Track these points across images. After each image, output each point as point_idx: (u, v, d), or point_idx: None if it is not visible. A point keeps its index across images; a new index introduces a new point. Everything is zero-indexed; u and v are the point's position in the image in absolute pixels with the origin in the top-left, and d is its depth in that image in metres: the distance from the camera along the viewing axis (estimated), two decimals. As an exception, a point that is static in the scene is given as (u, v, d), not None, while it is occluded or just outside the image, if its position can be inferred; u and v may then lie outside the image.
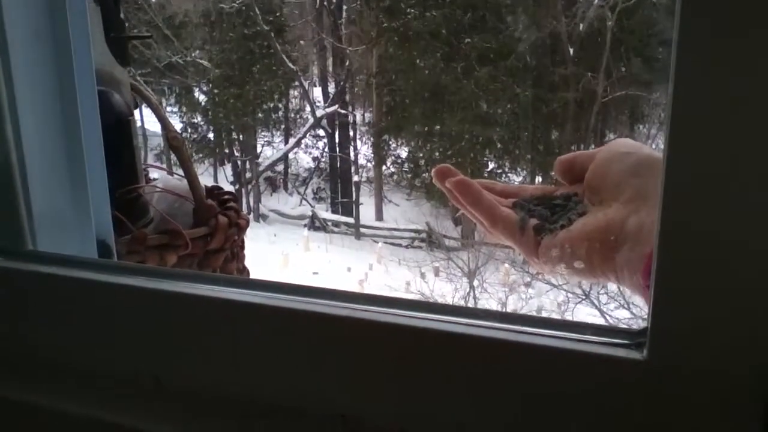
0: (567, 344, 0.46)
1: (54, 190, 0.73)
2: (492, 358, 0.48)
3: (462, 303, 9.10)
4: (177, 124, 16.90)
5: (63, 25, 0.71)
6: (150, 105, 1.09)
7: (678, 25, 0.38)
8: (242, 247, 1.11)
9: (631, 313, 7.46)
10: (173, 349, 0.61)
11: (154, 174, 1.24)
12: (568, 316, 8.09)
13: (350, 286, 10.82)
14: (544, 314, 8.51)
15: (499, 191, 0.65)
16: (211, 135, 17.13)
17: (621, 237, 0.51)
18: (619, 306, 7.47)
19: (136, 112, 1.15)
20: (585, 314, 7.94)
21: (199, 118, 17.01)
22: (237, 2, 15.41)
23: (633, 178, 0.54)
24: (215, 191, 1.17)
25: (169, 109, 17.31)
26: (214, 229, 1.02)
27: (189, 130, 17.01)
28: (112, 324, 0.64)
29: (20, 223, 0.69)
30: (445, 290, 9.36)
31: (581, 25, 13.39)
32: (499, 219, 0.59)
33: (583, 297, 7.79)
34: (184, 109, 17.14)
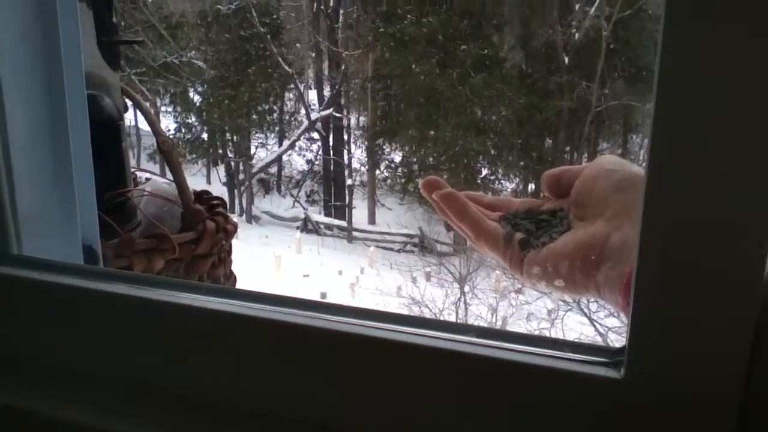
0: (544, 361, 0.46)
1: (41, 194, 0.73)
2: (470, 373, 0.48)
3: (453, 308, 9.10)
4: (171, 124, 16.88)
5: (53, 26, 0.71)
6: (140, 109, 1.09)
7: (661, 38, 0.38)
8: (229, 252, 1.11)
9: (621, 321, 7.48)
10: (158, 354, 0.61)
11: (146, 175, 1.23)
12: (558, 324, 8.10)
13: (341, 289, 10.81)
14: (533, 321, 8.53)
15: (486, 204, 0.65)
16: (205, 135, 17.10)
17: (604, 254, 0.51)
18: (609, 314, 7.49)
19: (130, 113, 1.15)
20: (575, 322, 7.95)
21: (194, 119, 16.98)
22: (234, 4, 15.40)
23: (618, 194, 0.55)
24: (204, 196, 1.17)
25: (163, 108, 17.29)
26: (202, 234, 1.02)
27: (183, 130, 16.97)
28: (96, 329, 0.64)
29: (6, 227, 0.69)
30: (436, 295, 9.36)
31: (576, 35, 13.46)
32: (484, 232, 0.60)
33: (573, 305, 7.80)
34: (179, 109, 17.10)
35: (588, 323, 7.65)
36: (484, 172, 14.90)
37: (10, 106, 0.69)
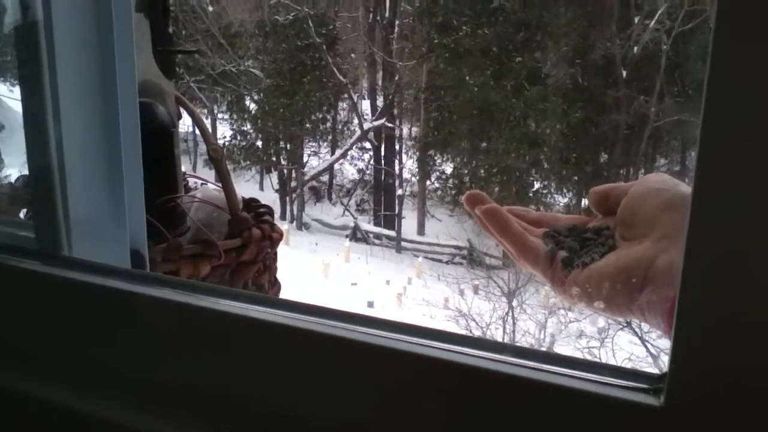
0: (582, 385, 0.45)
1: (92, 198, 0.75)
2: (506, 394, 0.47)
3: (500, 323, 8.99)
4: (227, 131, 17.24)
5: (109, 37, 0.73)
6: (193, 117, 1.11)
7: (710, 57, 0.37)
8: (275, 260, 1.12)
9: (675, 343, 7.25)
10: (197, 360, 0.62)
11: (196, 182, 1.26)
12: (608, 343, 7.91)
13: (388, 298, 10.81)
14: (583, 339, 8.35)
15: (531, 219, 0.64)
16: (259, 143, 17.40)
17: (648, 277, 0.50)
18: (662, 335, 7.28)
19: (188, 120, 1.18)
20: (626, 341, 7.76)
21: (249, 126, 17.31)
22: (291, 14, 15.67)
23: (666, 215, 0.53)
24: (252, 203, 1.18)
25: (220, 116, 17.68)
26: (248, 241, 1.03)
27: (238, 138, 17.32)
28: (140, 332, 0.65)
29: (57, 229, 0.71)
30: (484, 309, 9.26)
31: (635, 48, 13.20)
32: (526, 249, 0.59)
33: (625, 324, 7.61)
34: (235, 116, 17.47)
35: (639, 343, 7.45)
36: (537, 185, 14.72)
37: (65, 112, 0.71)
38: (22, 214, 1.01)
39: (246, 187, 16.70)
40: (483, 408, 0.48)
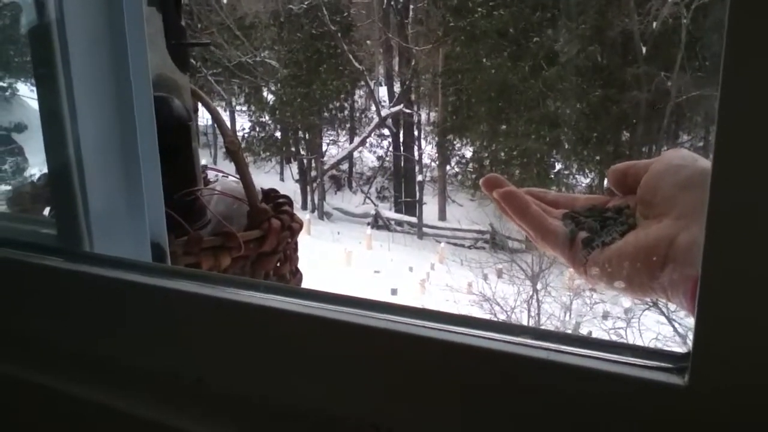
0: (605, 366, 0.45)
1: (111, 193, 0.76)
2: (528, 377, 0.47)
3: (525, 306, 8.97)
4: (246, 123, 17.32)
5: (121, 32, 0.73)
6: (209, 110, 1.11)
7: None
8: (295, 250, 1.13)
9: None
10: (217, 351, 0.62)
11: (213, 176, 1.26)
12: (634, 323, 7.85)
13: (412, 285, 10.83)
14: (609, 320, 8.30)
15: (550, 200, 0.63)
16: (278, 134, 17.47)
17: (669, 254, 0.49)
18: (687, 313, 7.21)
19: (207, 113, 1.19)
20: (653, 321, 7.69)
21: (267, 117, 17.37)
22: (305, 3, 15.65)
23: (685, 192, 0.52)
24: (271, 194, 1.19)
25: (238, 108, 17.76)
26: (267, 231, 1.03)
27: (257, 129, 17.41)
28: (161, 325, 0.66)
29: (78, 225, 0.72)
30: (508, 292, 9.24)
31: (654, 23, 12.99)
32: (546, 231, 0.58)
33: (651, 304, 7.55)
34: (253, 108, 17.54)
35: (666, 323, 7.39)
36: (558, 166, 14.60)
37: (81, 109, 0.72)
38: (46, 212, 1.02)
39: (266, 178, 16.79)
40: (503, 391, 0.48)
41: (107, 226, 0.74)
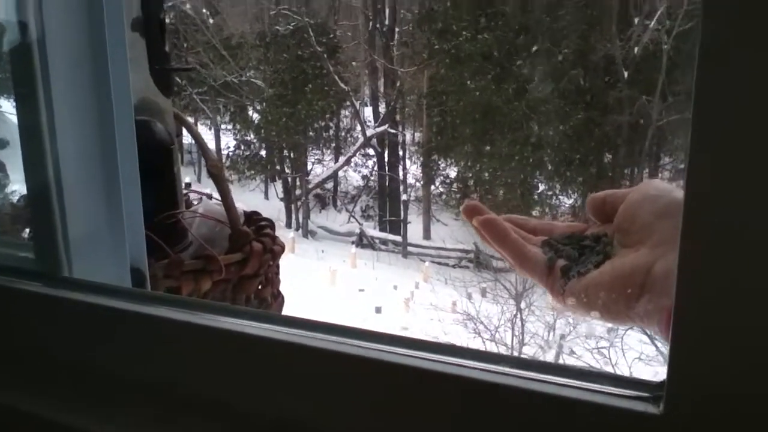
0: (582, 395, 0.45)
1: (90, 217, 0.75)
2: (504, 405, 0.47)
3: (509, 325, 8.96)
4: (231, 142, 17.30)
5: (103, 56, 0.74)
6: (192, 134, 1.12)
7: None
8: (277, 273, 1.13)
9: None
10: (196, 377, 0.62)
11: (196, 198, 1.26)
12: (617, 342, 7.88)
13: (396, 304, 10.80)
14: (592, 340, 8.32)
15: (530, 228, 0.64)
16: (263, 152, 17.45)
17: (646, 284, 0.50)
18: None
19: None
20: (636, 341, 7.72)
21: (252, 136, 17.36)
22: (292, 24, 15.73)
23: (662, 221, 0.53)
24: (253, 217, 1.19)
25: (223, 126, 17.74)
26: (249, 255, 1.03)
27: (242, 148, 17.38)
28: (140, 351, 0.65)
29: (57, 250, 0.72)
30: (492, 312, 9.24)
31: (636, 48, 13.19)
32: (525, 259, 0.58)
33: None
34: (238, 126, 17.53)
35: (650, 342, 7.42)
36: (541, 187, 14.69)
37: (61, 131, 0.72)
38: (26, 234, 1.02)
39: (251, 196, 16.75)
40: (482, 420, 0.48)
41: (86, 251, 0.74)
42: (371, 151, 17.25)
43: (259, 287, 1.09)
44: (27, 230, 1.00)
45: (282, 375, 0.57)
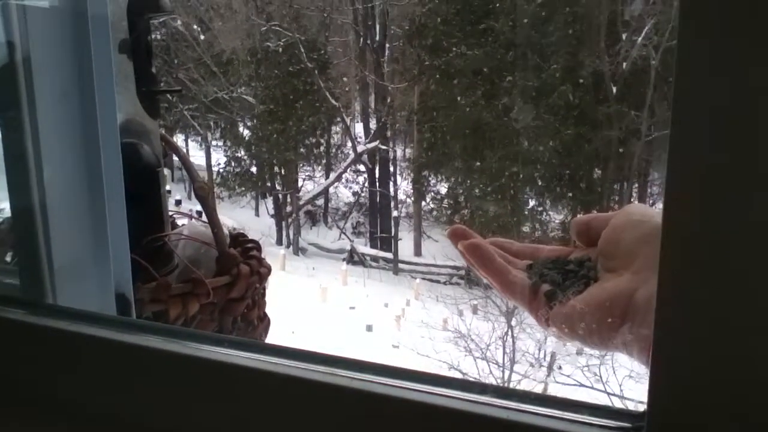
0: (564, 426, 0.45)
1: (75, 242, 0.75)
2: (488, 436, 0.47)
3: (499, 342, 8.95)
4: (221, 158, 17.29)
5: (89, 84, 0.74)
6: (178, 156, 1.11)
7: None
8: (263, 295, 1.12)
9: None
10: (181, 407, 0.61)
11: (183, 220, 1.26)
12: (608, 359, 7.87)
13: (387, 321, 10.77)
14: (583, 357, 8.31)
15: (515, 251, 0.64)
16: (254, 169, 17.44)
17: (628, 311, 0.50)
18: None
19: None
20: (627, 358, 7.69)
21: (243, 152, 17.36)
22: (282, 41, 15.79)
23: (645, 247, 0.53)
24: (239, 238, 1.18)
25: (214, 143, 17.74)
26: (236, 277, 1.03)
27: (233, 164, 17.36)
28: (125, 380, 0.65)
29: (41, 277, 0.71)
30: (483, 329, 9.23)
31: (624, 64, 13.31)
32: (509, 284, 0.59)
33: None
34: (229, 143, 17.53)
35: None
36: (532, 203, 14.74)
37: (47, 160, 0.72)
38: (8, 258, 1.01)
39: (242, 213, 16.73)
40: (466, 450, 0.48)
41: (71, 276, 0.74)
42: (362, 168, 17.28)
43: (246, 310, 1.08)
44: (10, 254, 0.99)
45: (270, 407, 0.56)
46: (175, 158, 1.19)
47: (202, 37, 16.64)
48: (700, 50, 0.36)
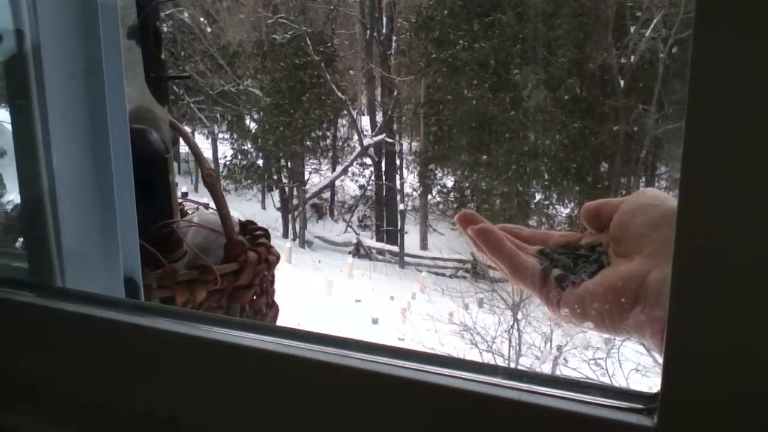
0: (575, 407, 0.45)
1: (84, 227, 0.75)
2: (500, 418, 0.47)
3: (505, 336, 8.95)
4: (228, 151, 17.31)
5: (98, 68, 0.74)
6: (187, 143, 1.12)
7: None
8: (272, 283, 1.12)
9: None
10: (192, 390, 0.61)
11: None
12: (614, 353, 7.86)
13: (393, 314, 10.78)
14: (589, 350, 8.30)
15: (525, 237, 0.64)
16: (260, 161, 17.46)
17: (640, 295, 0.50)
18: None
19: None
20: (633, 351, 7.71)
21: (249, 145, 17.38)
22: (289, 33, 15.78)
23: (656, 231, 0.53)
24: (248, 226, 1.18)
25: (221, 135, 17.75)
26: (243, 264, 1.03)
27: (239, 157, 17.38)
28: (134, 362, 0.65)
29: (50, 260, 0.71)
30: (489, 322, 9.22)
31: (632, 57, 13.24)
32: (519, 268, 0.58)
33: (631, 334, 7.55)
34: (235, 136, 17.54)
35: (646, 353, 7.40)
36: (538, 197, 14.70)
37: (56, 144, 0.72)
38: (18, 244, 1.01)
39: (248, 206, 16.74)
40: (475, 430, 0.48)
41: (80, 260, 0.74)
42: (368, 161, 17.27)
43: (254, 297, 1.09)
44: (20, 239, 0.99)
45: (280, 388, 0.56)
46: (181, 150, 1.19)
47: (208, 29, 16.64)
48: (717, 40, 0.36)
